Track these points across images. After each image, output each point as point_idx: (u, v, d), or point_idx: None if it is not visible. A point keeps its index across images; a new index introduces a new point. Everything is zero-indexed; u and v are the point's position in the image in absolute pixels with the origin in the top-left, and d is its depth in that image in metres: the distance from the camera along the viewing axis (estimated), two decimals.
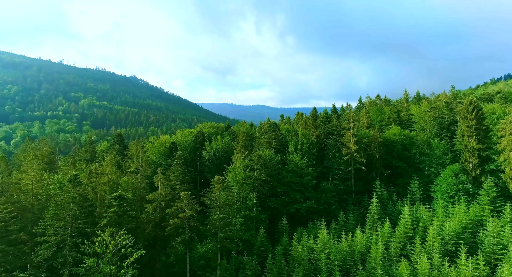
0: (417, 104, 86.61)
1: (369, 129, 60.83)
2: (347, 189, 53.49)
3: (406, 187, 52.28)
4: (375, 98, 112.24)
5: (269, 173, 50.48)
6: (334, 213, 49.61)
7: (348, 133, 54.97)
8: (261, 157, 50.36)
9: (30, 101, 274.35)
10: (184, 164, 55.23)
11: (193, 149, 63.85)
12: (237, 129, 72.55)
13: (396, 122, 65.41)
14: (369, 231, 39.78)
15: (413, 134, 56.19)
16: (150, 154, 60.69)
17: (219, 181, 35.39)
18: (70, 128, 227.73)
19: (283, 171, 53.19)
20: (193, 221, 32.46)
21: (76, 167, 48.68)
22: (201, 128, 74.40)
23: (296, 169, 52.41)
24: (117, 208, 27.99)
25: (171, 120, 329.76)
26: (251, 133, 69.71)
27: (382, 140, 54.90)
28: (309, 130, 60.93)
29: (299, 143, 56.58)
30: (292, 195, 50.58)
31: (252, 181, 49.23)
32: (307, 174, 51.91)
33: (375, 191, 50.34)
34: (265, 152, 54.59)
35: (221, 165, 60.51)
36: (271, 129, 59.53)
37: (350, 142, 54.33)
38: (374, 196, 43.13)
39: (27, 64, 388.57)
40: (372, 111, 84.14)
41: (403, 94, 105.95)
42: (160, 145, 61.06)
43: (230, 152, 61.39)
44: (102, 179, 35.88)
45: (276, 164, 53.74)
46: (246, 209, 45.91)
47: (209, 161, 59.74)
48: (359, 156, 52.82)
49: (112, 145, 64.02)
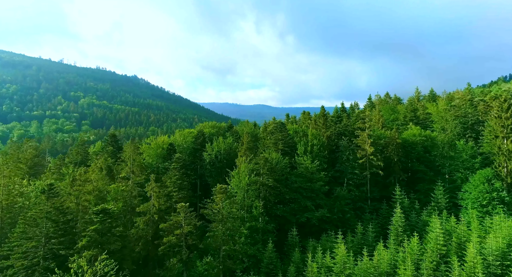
0: (430, 102, 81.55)
1: (384, 130, 55.72)
2: (362, 195, 48.42)
3: (428, 193, 47.22)
4: (384, 96, 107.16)
5: (276, 178, 45.53)
6: (349, 223, 44.63)
7: (363, 134, 49.91)
8: (268, 160, 45.37)
9: (29, 101, 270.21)
10: (183, 167, 50.32)
11: (192, 151, 58.94)
12: (240, 130, 67.62)
13: (412, 122, 60.26)
14: (393, 246, 34.71)
15: (435, 135, 51.04)
16: (146, 156, 55.82)
17: (221, 190, 30.45)
18: (68, 128, 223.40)
19: (292, 175, 48.20)
20: (192, 238, 27.59)
21: (63, 171, 43.86)
22: (201, 128, 69.47)
23: (306, 173, 47.42)
24: (99, 225, 23.17)
25: (172, 120, 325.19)
26: (255, 134, 64.76)
27: (401, 141, 49.75)
28: (319, 131, 55.90)
29: (309, 145, 51.60)
30: (302, 202, 45.60)
31: (258, 187, 44.28)
32: (318, 179, 46.90)
33: (394, 198, 45.34)
34: (272, 155, 49.63)
35: (223, 168, 55.58)
36: (278, 129, 54.51)
37: (366, 143, 49.27)
38: (397, 205, 38.01)
39: (26, 64, 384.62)
40: (384, 110, 79.08)
41: (414, 93, 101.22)
42: (157, 146, 56.18)
43: (233, 154, 56.47)
44: (87, 187, 31.07)
45: (284, 167, 48.77)
46: (252, 219, 40.94)
47: (210, 164, 54.81)
48: (375, 159, 47.76)
49: (105, 146, 59.19)
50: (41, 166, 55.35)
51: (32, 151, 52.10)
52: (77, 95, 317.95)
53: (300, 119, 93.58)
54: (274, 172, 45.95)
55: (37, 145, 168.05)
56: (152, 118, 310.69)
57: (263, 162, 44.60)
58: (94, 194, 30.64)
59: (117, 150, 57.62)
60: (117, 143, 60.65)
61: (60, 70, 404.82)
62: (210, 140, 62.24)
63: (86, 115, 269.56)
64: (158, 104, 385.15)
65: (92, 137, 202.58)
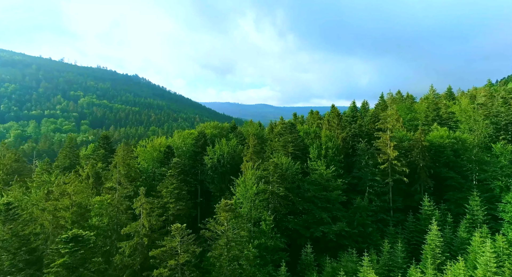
0: (449, 101, 75.78)
1: (405, 131, 50.01)
2: (384, 205, 42.80)
3: (459, 203, 41.64)
4: (396, 95, 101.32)
5: (287, 186, 40.01)
6: (371, 238, 39.08)
7: (384, 136, 44.26)
8: (278, 166, 39.83)
9: (28, 100, 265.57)
10: (182, 173, 44.87)
11: (193, 154, 53.43)
12: (244, 130, 62.02)
13: (435, 122, 54.48)
14: (431, 271, 29.12)
15: (466, 137, 45.28)
16: (141, 160, 50.38)
17: (226, 208, 24.93)
18: (67, 127, 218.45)
19: (304, 183, 42.68)
20: (189, 269, 22.07)
21: (44, 178, 38.48)
22: (202, 129, 63.95)
23: (321, 181, 41.89)
24: (68, 257, 17.79)
25: (173, 120, 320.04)
26: (261, 135, 59.16)
27: (427, 144, 44.03)
28: (333, 132, 50.26)
29: (323, 148, 46.02)
30: (316, 213, 40.07)
31: (267, 196, 38.76)
32: (335, 187, 41.35)
33: (421, 209, 39.72)
34: (281, 159, 44.14)
35: (227, 173, 50.08)
36: (288, 130, 48.96)
37: (387, 146, 43.63)
38: (433, 221, 32.28)
39: (26, 63, 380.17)
40: (399, 109, 73.33)
41: (429, 91, 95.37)
42: (154, 149, 50.73)
43: (237, 157, 50.96)
44: (63, 202, 25.68)
45: (295, 174, 43.28)
46: (261, 235, 35.40)
47: (212, 169, 49.31)
48: (399, 164, 42.08)
49: (97, 149, 53.78)
50: (23, 171, 50.00)
51: (11, 155, 46.55)
52: (76, 95, 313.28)
53: (308, 119, 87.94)
54: (285, 179, 40.45)
55: (34, 145, 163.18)
56: (153, 118, 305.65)
57: (272, 168, 39.09)
58: (71, 211, 25.28)
59: (110, 152, 52.22)
60: (109, 145, 55.22)
61: (60, 69, 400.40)
62: (212, 142, 56.73)
63: (85, 115, 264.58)
64: (159, 104, 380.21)
65: (91, 138, 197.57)
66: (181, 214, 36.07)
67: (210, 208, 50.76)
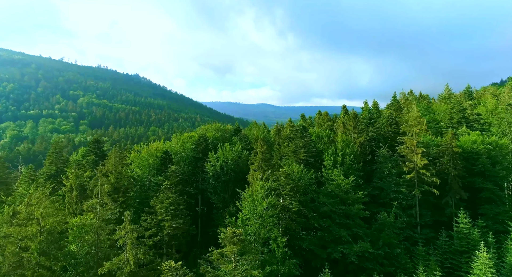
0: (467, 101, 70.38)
1: (430, 135, 44.67)
2: (410, 220, 37.52)
3: (497, 218, 36.40)
4: (408, 94, 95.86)
5: (301, 200, 34.77)
6: (398, 260, 33.78)
7: (409, 141, 38.94)
8: (290, 176, 34.60)
9: (26, 100, 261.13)
10: (180, 183, 39.77)
11: (193, 160, 48.28)
12: (249, 134, 56.70)
13: (463, 125, 49.12)
14: None
15: (504, 143, 39.96)
16: (136, 167, 45.23)
17: (234, 240, 19.71)
18: (65, 128, 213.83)
19: (320, 194, 37.44)
20: None
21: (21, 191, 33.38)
22: (203, 131, 58.76)
23: (339, 193, 36.65)
24: None
25: (174, 120, 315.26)
26: (268, 139, 53.89)
27: (460, 150, 38.69)
28: (349, 136, 44.98)
29: (339, 154, 40.75)
30: (334, 231, 34.84)
31: (278, 211, 33.59)
32: (355, 200, 36.10)
33: (457, 225, 34.44)
34: (292, 166, 38.98)
35: (231, 182, 44.93)
36: (299, 134, 43.72)
37: (414, 153, 38.33)
38: (481, 247, 26.95)
39: (26, 62, 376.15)
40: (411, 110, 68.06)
41: (444, 90, 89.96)
42: (149, 155, 45.59)
43: (242, 164, 45.79)
44: (31, 228, 20.47)
45: (309, 184, 38.07)
46: (271, 259, 30.18)
47: (215, 178, 44.15)
48: (428, 174, 36.77)
49: (87, 154, 48.69)
50: (7, 179, 45.06)
51: None
52: (76, 94, 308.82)
53: (316, 120, 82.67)
54: (298, 190, 35.22)
55: (30, 146, 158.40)
56: (153, 117, 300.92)
57: (283, 179, 33.86)
58: (39, 240, 20.03)
59: (101, 158, 47.13)
60: (101, 150, 50.10)
61: (60, 68, 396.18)
62: (214, 146, 51.58)
63: (84, 115, 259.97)
64: (159, 103, 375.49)
65: (89, 138, 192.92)
66: (178, 234, 30.94)
67: (212, 221, 45.72)
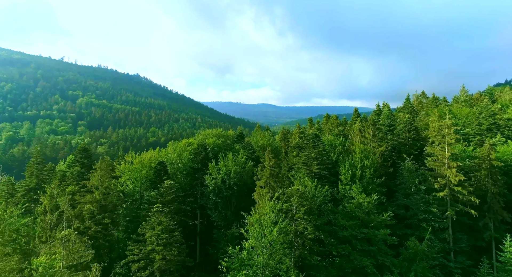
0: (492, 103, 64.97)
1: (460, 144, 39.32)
2: (443, 246, 32.23)
3: None
4: (420, 96, 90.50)
5: (316, 224, 29.58)
6: None
7: (441, 153, 33.65)
8: (303, 196, 29.40)
9: (24, 100, 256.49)
10: (175, 200, 34.66)
11: (191, 171, 43.16)
12: (254, 141, 51.35)
13: (492, 132, 43.79)
14: None
15: None
16: (126, 179, 40.09)
17: None
18: (63, 129, 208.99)
19: (337, 215, 32.23)
20: None
21: None
22: (203, 138, 53.61)
23: (360, 214, 31.44)
24: None
25: (174, 120, 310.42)
26: (275, 147, 48.62)
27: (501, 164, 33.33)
28: (367, 145, 39.70)
29: (358, 167, 35.49)
30: (355, 260, 29.66)
31: (290, 238, 28.42)
32: (379, 223, 30.89)
33: (502, 255, 29.14)
34: (304, 181, 33.88)
35: (233, 197, 39.80)
36: (311, 143, 38.47)
37: (445, 167, 33.06)
38: None
39: (25, 61, 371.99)
40: (432, 114, 62.84)
41: (459, 92, 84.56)
42: (142, 166, 40.48)
43: (246, 176, 40.67)
44: None
45: (324, 202, 32.90)
46: None
47: (215, 192, 39.04)
48: (465, 191, 31.48)
49: (73, 164, 43.58)
50: None
51: None
52: (75, 94, 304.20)
53: (323, 124, 77.45)
54: (312, 212, 30.04)
55: (25, 149, 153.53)
56: (153, 118, 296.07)
57: (296, 199, 28.68)
58: None
59: (88, 169, 41.99)
60: (89, 160, 44.92)
61: (60, 68, 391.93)
62: (214, 155, 46.50)
63: (83, 116, 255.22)
64: (160, 104, 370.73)
65: (87, 140, 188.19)
66: (172, 268, 25.77)
67: (212, 241, 40.60)
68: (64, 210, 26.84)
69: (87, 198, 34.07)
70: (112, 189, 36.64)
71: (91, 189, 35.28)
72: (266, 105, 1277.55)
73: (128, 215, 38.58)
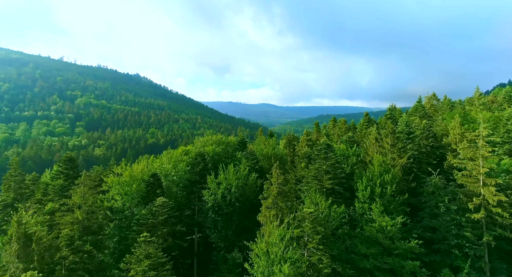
0: None
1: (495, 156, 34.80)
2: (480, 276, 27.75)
3: None
4: (431, 98, 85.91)
5: (332, 253, 25.17)
6: None
7: (475, 167, 29.16)
8: (317, 220, 24.96)
9: (21, 100, 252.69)
10: (169, 220, 30.34)
11: (188, 184, 38.73)
12: (257, 149, 46.65)
13: None
14: None
15: None
16: (115, 194, 35.63)
17: None
18: (60, 130, 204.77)
19: (356, 241, 27.82)
20: None
21: None
22: (202, 144, 49.19)
23: (382, 240, 27.00)
24: None
25: (174, 121, 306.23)
26: (280, 156, 44.07)
27: None
28: (386, 156, 35.18)
29: (377, 182, 31.02)
30: None
31: (303, 271, 23.98)
32: (407, 250, 26.44)
33: None
34: (315, 198, 29.50)
35: (235, 215, 35.39)
36: (322, 154, 33.99)
37: (480, 184, 28.59)
38: None
39: (24, 61, 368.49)
40: (448, 118, 58.46)
41: (474, 94, 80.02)
42: (133, 179, 36.07)
43: (250, 191, 36.23)
44: None
45: (340, 224, 28.51)
46: None
47: (214, 209, 34.64)
48: (506, 214, 27.00)
49: (56, 176, 39.14)
50: None
51: None
52: (74, 94, 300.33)
53: (330, 129, 72.96)
54: (327, 240, 25.63)
55: (19, 151, 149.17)
56: (153, 119, 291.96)
57: (310, 225, 24.26)
58: None
59: (74, 180, 37.54)
60: (75, 170, 40.50)
61: (60, 68, 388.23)
62: (214, 163, 42.15)
63: (81, 116, 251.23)
64: (159, 104, 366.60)
65: (84, 142, 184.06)
66: None
67: (211, 263, 36.24)
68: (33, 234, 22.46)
69: (67, 218, 29.77)
70: (98, 207, 32.33)
71: (72, 207, 30.96)
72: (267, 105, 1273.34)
73: (117, 234, 34.23)
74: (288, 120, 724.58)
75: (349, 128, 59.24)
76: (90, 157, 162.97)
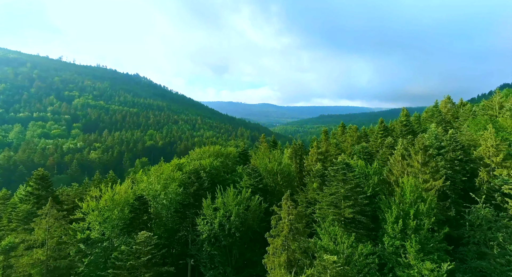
0: None
1: None
2: None
3: None
4: (447, 102, 79.98)
5: None
6: None
7: None
8: (342, 272, 19.12)
9: (17, 101, 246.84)
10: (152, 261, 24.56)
11: (180, 207, 32.86)
12: (260, 164, 40.27)
13: None
14: None
15: None
16: (93, 221, 29.84)
17: None
18: (56, 132, 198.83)
19: None
20: None
21: None
22: (198, 156, 43.30)
23: None
24: None
25: (173, 122, 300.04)
26: (288, 173, 38.07)
27: None
28: (415, 177, 29.28)
29: (410, 213, 25.18)
30: None
31: None
32: None
33: None
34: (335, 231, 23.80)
35: (235, 247, 29.55)
36: (340, 175, 28.11)
37: None
38: None
39: (21, 61, 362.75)
40: (472, 125, 52.75)
41: (493, 97, 74.03)
42: (114, 204, 30.30)
43: (252, 218, 30.37)
44: None
45: (368, 271, 22.65)
46: None
47: (210, 241, 28.81)
48: None
49: (25, 198, 33.23)
50: None
51: None
52: (71, 95, 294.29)
53: (338, 135, 67.10)
54: None
55: (11, 154, 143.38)
56: (152, 120, 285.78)
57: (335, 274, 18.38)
58: None
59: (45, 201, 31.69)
60: (49, 190, 34.61)
61: (58, 68, 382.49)
62: (211, 180, 36.34)
63: (78, 118, 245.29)
64: (159, 105, 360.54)
65: (80, 144, 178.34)
66: None
67: None
68: None
69: (25, 259, 23.93)
70: (68, 241, 26.56)
71: (34, 244, 25.18)
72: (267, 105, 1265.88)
73: (93, 272, 28.43)
74: (288, 120, 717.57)
75: (361, 136, 53.35)
76: (85, 160, 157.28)
